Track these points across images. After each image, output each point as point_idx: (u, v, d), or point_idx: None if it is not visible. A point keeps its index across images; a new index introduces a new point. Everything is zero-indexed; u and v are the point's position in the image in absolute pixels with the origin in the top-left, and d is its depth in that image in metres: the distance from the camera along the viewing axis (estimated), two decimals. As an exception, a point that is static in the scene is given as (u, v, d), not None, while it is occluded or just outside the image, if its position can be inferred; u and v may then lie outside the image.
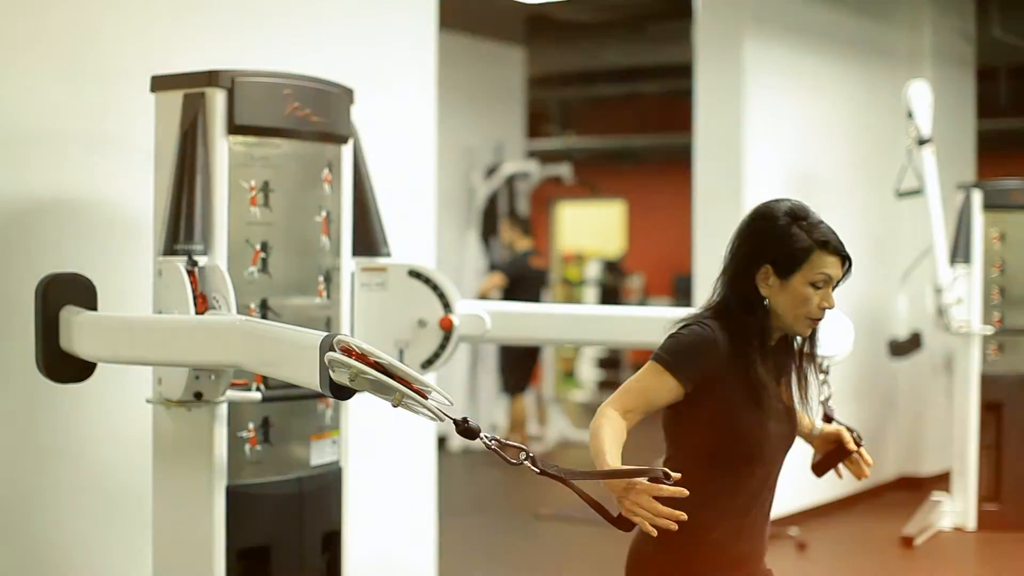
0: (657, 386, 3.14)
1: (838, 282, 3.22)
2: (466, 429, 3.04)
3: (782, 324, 3.22)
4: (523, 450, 3.04)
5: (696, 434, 3.17)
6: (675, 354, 3.14)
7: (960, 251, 8.96)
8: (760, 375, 3.16)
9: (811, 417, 3.51)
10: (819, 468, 3.61)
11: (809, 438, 3.57)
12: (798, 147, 9.47)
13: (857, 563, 8.49)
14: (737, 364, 3.15)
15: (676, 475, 2.92)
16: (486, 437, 3.06)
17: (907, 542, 8.51)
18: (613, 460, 2.99)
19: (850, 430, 3.60)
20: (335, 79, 4.61)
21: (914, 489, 10.20)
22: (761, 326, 3.20)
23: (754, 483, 3.21)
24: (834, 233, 3.21)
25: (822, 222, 3.22)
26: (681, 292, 16.02)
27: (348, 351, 3.13)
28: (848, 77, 10.09)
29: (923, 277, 9.28)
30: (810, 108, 9.63)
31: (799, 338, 3.28)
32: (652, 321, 5.05)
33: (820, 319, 3.21)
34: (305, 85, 4.38)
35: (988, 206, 9.02)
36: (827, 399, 3.92)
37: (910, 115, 8.89)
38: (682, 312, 3.35)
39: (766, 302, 3.20)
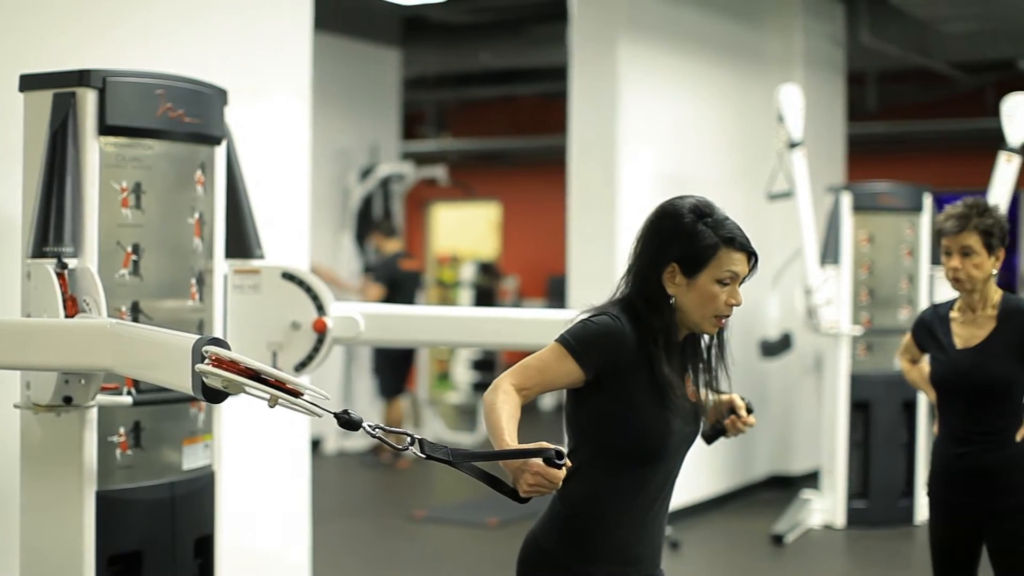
0: (557, 368, 3.11)
1: (744, 279, 3.21)
2: (347, 421, 3.00)
3: (689, 322, 3.20)
4: (408, 435, 2.99)
5: (599, 429, 3.14)
6: (580, 339, 3.12)
7: (830, 253, 9.11)
8: (666, 373, 3.14)
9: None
10: (709, 436, 3.53)
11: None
12: (671, 149, 9.55)
13: (729, 561, 8.59)
14: (643, 361, 3.13)
15: (564, 450, 2.89)
16: (369, 426, 3.02)
17: (777, 540, 8.63)
18: (511, 439, 2.95)
19: (742, 398, 3.54)
20: (208, 80, 4.57)
21: (784, 487, 10.34)
22: (667, 325, 3.18)
23: (657, 480, 3.20)
24: (740, 230, 3.19)
25: (727, 219, 3.20)
26: (555, 293, 16.07)
27: (218, 362, 3.11)
28: (721, 80, 10.20)
29: (793, 278, 9.41)
30: (683, 111, 9.72)
31: (706, 338, 3.27)
32: (526, 323, 5.07)
33: (727, 316, 3.20)
34: (178, 86, 4.34)
35: (857, 208, 9.18)
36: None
37: (781, 118, 9.01)
38: (558, 313, 3.35)
39: (672, 300, 3.18)
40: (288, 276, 4.85)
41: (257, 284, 4.84)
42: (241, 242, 4.82)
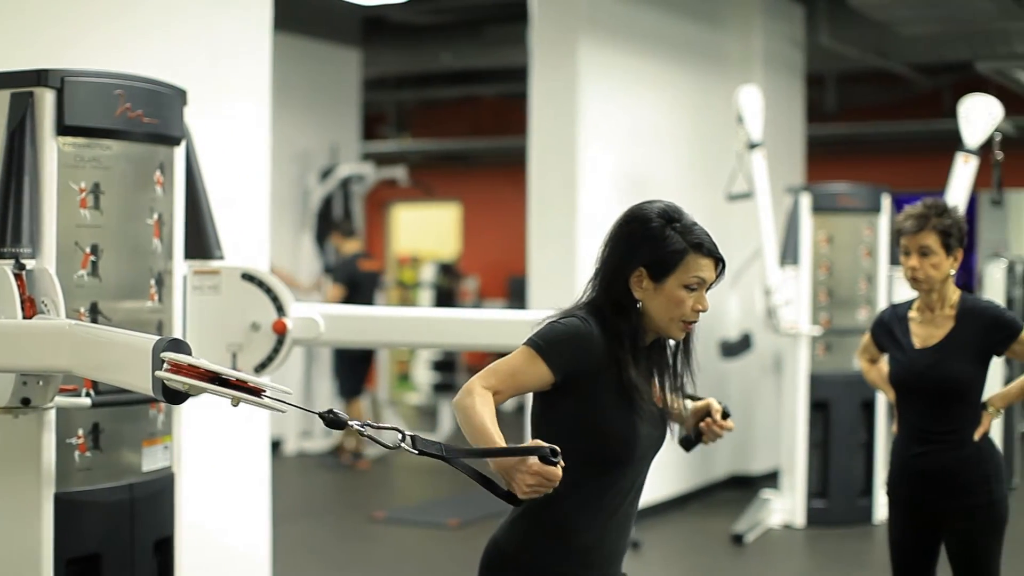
0: (527, 370, 3.08)
1: (712, 285, 3.21)
2: (333, 420, 2.96)
3: (655, 327, 3.19)
4: (399, 431, 2.96)
5: (566, 432, 3.10)
6: (550, 342, 3.10)
7: (789, 253, 9.14)
8: (632, 377, 3.13)
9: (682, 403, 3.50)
10: (687, 442, 3.50)
11: (679, 419, 3.47)
12: (631, 150, 9.57)
13: (689, 561, 8.61)
14: (611, 364, 3.12)
15: (559, 449, 2.86)
16: (356, 424, 2.99)
17: (737, 539, 8.65)
18: (500, 439, 2.91)
19: (719, 403, 3.49)
20: (168, 80, 4.55)
21: (744, 487, 10.38)
22: (634, 329, 3.17)
23: (624, 484, 3.19)
24: (708, 235, 3.19)
25: (696, 224, 3.19)
26: (516, 294, 16.08)
27: (177, 367, 3.10)
28: (681, 81, 10.23)
29: (753, 279, 9.44)
30: (643, 111, 9.74)
31: (672, 343, 3.27)
32: (487, 323, 5.08)
33: (694, 322, 3.20)
34: (137, 85, 4.31)
35: (816, 209, 9.22)
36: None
37: (740, 119, 9.03)
38: (519, 313, 3.34)
39: (639, 305, 3.17)
40: (248, 277, 4.83)
41: (216, 285, 4.82)
42: (200, 243, 4.80)
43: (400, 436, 2.95)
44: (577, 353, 3.11)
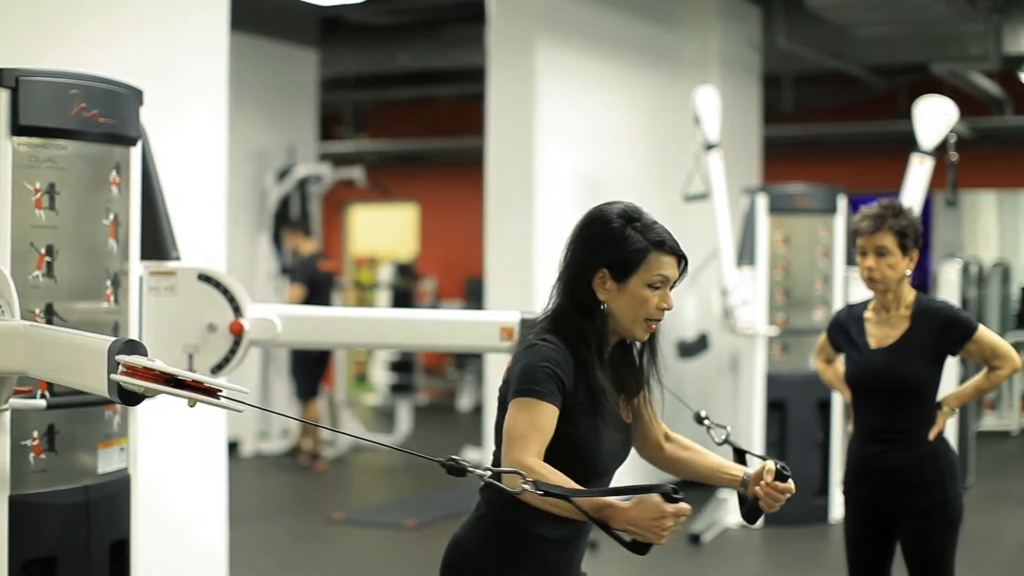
0: (543, 418, 3.03)
1: (675, 282, 3.22)
2: (455, 468, 2.87)
3: (620, 328, 3.20)
4: (520, 475, 2.88)
5: None
6: (542, 382, 3.05)
7: (746, 254, 9.18)
8: (599, 379, 3.13)
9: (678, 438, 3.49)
10: (751, 514, 3.32)
11: (650, 425, 3.44)
12: (589, 150, 9.58)
13: (646, 561, 8.59)
14: (580, 371, 3.12)
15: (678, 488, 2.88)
16: (479, 470, 2.91)
17: (695, 539, 8.67)
18: (598, 493, 2.94)
19: (773, 460, 3.30)
20: (124, 80, 4.52)
21: (701, 487, 10.35)
22: (599, 331, 3.17)
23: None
24: (669, 233, 3.20)
25: (656, 223, 3.21)
26: (473, 295, 16.08)
27: (133, 370, 3.09)
28: (638, 82, 10.25)
29: (710, 279, 9.47)
30: (601, 112, 9.76)
31: (637, 344, 3.28)
32: (444, 324, 5.07)
33: (659, 320, 3.21)
34: (93, 85, 4.29)
35: (773, 210, 9.25)
36: (726, 439, 3.71)
37: (698, 120, 9.06)
38: (477, 314, 3.33)
39: (603, 307, 3.18)
40: (204, 278, 4.81)
41: (173, 286, 4.80)
42: (157, 243, 4.78)
43: (521, 480, 2.88)
44: (563, 377, 3.09)
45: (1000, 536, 9.04)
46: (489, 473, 2.90)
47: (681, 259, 3.21)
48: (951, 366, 6.85)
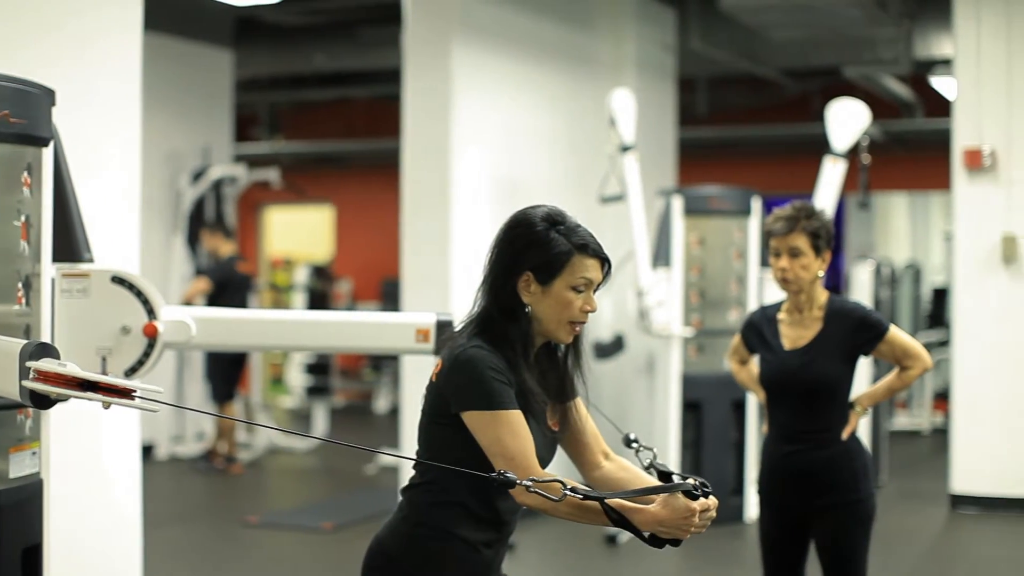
0: (522, 426, 3.08)
1: (599, 285, 3.24)
2: (503, 481, 2.91)
3: (545, 331, 3.21)
4: (560, 482, 2.93)
5: (460, 442, 3.11)
6: (500, 392, 3.08)
7: (661, 255, 9.23)
8: (527, 381, 3.15)
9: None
10: (657, 540, 3.15)
11: (577, 428, 3.41)
12: (505, 152, 9.59)
13: (563, 562, 8.65)
14: (510, 371, 3.13)
15: (706, 482, 2.96)
16: (527, 483, 2.92)
17: (611, 540, 8.71)
18: (624, 497, 3.02)
19: (693, 477, 3.13)
20: (35, 79, 4.48)
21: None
22: (524, 334, 3.19)
23: (509, 497, 3.16)
24: (592, 236, 3.23)
25: (579, 226, 3.23)
26: (389, 296, 16.06)
27: (44, 376, 3.05)
28: (554, 84, 10.28)
29: (625, 281, 9.51)
30: (516, 114, 9.78)
31: (562, 348, 3.29)
32: (360, 326, 5.05)
33: (583, 323, 3.23)
34: (3, 85, 4.24)
35: (688, 211, 9.31)
36: (651, 463, 3.50)
37: (613, 122, 9.10)
38: (393, 316, 3.32)
39: (528, 309, 3.19)
40: (118, 280, 4.77)
41: (86, 288, 4.75)
42: (69, 245, 4.73)
43: (562, 487, 2.93)
44: (511, 381, 3.12)
45: (912, 534, 9.15)
46: (533, 486, 2.92)
47: (605, 262, 3.24)
48: (864, 366, 6.94)
